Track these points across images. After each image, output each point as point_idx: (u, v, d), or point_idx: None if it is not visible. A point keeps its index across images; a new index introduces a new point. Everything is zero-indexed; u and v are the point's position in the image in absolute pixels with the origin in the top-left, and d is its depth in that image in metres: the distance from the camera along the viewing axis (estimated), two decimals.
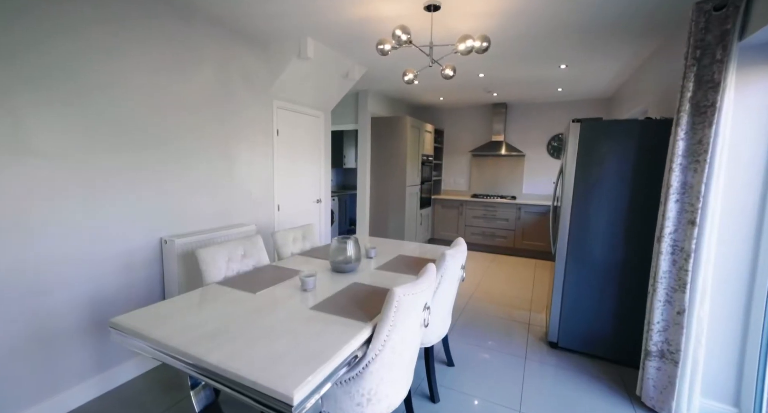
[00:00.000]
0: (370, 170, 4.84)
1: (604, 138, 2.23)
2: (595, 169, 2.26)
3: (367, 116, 4.68)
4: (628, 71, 3.43)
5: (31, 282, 1.65)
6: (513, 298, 3.49)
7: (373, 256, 2.28)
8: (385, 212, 4.79)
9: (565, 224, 2.40)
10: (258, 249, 2.09)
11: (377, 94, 4.81)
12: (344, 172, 7.04)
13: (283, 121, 3.20)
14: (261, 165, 2.99)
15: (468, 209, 5.40)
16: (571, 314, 2.45)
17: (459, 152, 5.95)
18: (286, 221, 3.33)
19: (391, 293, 1.24)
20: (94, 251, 1.87)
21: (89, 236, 1.84)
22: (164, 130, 2.19)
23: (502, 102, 5.31)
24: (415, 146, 4.82)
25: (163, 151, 2.19)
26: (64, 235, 1.75)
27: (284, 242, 2.37)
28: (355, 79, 3.53)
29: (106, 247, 1.92)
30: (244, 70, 2.73)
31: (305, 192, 3.61)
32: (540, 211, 4.92)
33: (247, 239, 2.06)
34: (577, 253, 2.38)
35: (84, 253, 1.83)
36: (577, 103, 5.05)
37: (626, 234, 2.22)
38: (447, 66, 2.39)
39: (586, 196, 2.30)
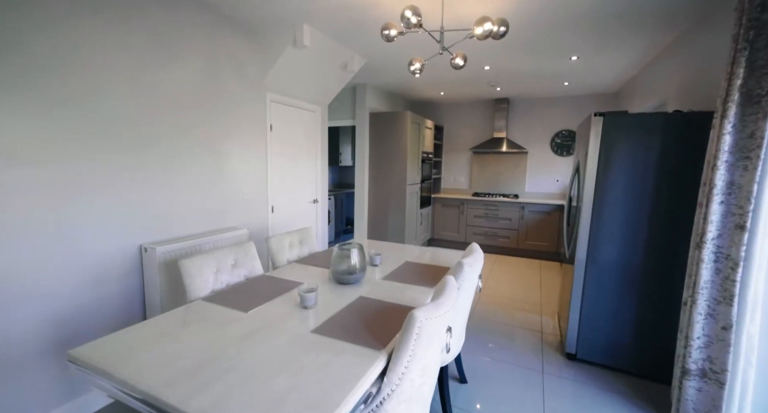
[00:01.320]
0: (368, 168, 4.62)
1: (629, 133, 2.04)
2: (619, 166, 2.08)
3: (365, 112, 4.45)
4: (642, 62, 3.26)
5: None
6: (521, 302, 3.31)
7: (378, 263, 2.07)
8: (385, 212, 4.58)
9: (585, 225, 2.21)
10: (250, 258, 1.87)
11: (376, 88, 4.59)
12: (340, 170, 6.81)
13: (277, 116, 2.97)
14: (253, 163, 2.75)
15: (469, 208, 5.22)
16: (591, 322, 2.27)
17: (459, 149, 5.76)
18: (281, 223, 3.11)
19: (411, 318, 1.03)
20: (63, 261, 1.63)
21: (57, 244, 1.60)
22: (146, 127, 1.95)
23: (505, 97, 5.12)
24: (415, 143, 4.61)
25: (145, 150, 1.95)
26: (28, 244, 1.50)
27: (279, 248, 2.14)
28: (354, 70, 3.30)
29: (76, 257, 1.68)
30: (235, 61, 2.49)
31: (301, 192, 3.38)
32: (544, 210, 4.76)
33: (239, 246, 1.84)
34: (597, 257, 2.20)
35: (51, 265, 1.59)
36: (581, 98, 4.89)
37: (654, 238, 2.04)
38: (458, 54, 2.18)
39: (609, 195, 2.12)
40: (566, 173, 5.08)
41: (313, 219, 3.59)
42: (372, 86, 4.49)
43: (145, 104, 1.94)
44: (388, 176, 4.52)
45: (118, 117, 1.81)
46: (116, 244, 1.83)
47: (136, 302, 1.94)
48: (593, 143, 2.13)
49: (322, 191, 3.71)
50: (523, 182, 5.34)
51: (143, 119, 1.93)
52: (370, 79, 4.17)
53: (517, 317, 2.99)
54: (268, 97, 2.82)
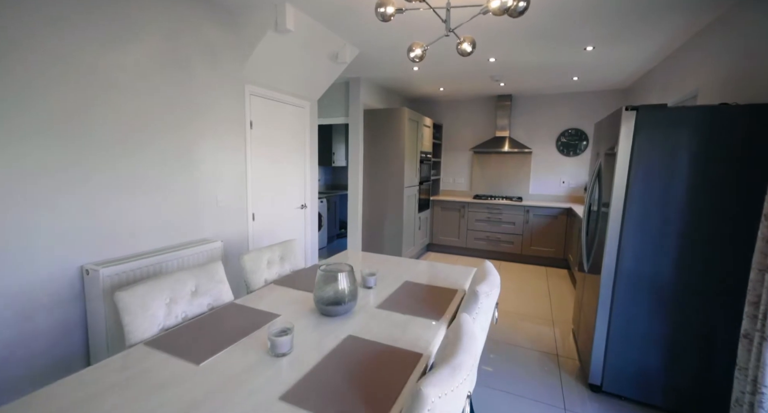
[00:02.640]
0: (363, 169, 4.29)
1: (668, 129, 1.73)
2: (655, 168, 1.77)
3: (359, 108, 4.12)
4: (664, 53, 2.96)
5: None
6: (531, 316, 3.00)
7: (372, 285, 1.74)
8: (381, 217, 4.26)
9: (614, 234, 1.90)
10: (217, 282, 1.53)
11: (370, 83, 4.25)
12: (333, 171, 6.47)
13: (258, 111, 2.62)
14: (230, 165, 2.41)
15: (470, 211, 4.90)
16: (620, 348, 1.96)
17: (459, 149, 5.45)
18: (263, 232, 2.77)
19: (418, 399, 0.70)
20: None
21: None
22: (89, 121, 1.60)
23: (508, 94, 4.82)
24: (413, 142, 4.29)
25: (89, 150, 1.60)
26: None
27: (255, 266, 1.81)
28: (345, 61, 2.97)
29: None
30: (203, 44, 2.14)
31: (287, 197, 3.04)
32: (550, 214, 4.46)
33: (202, 269, 1.50)
34: (628, 271, 1.89)
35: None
36: (589, 95, 4.59)
37: (697, 252, 1.73)
38: (465, 39, 1.86)
39: (643, 201, 1.81)
40: (573, 174, 4.78)
41: (300, 226, 3.25)
42: (366, 81, 4.16)
43: (87, 95, 1.59)
44: (384, 177, 4.19)
45: (51, 111, 1.46)
46: (50, 265, 1.49)
47: (76, 339, 1.59)
48: (624, 142, 1.82)
49: (311, 195, 3.37)
50: (527, 183, 5.04)
51: (84, 112, 1.59)
52: (364, 72, 3.84)
53: (528, 334, 2.68)
54: (247, 89, 2.48)
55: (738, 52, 2.01)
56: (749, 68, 1.92)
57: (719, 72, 2.19)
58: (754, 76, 1.85)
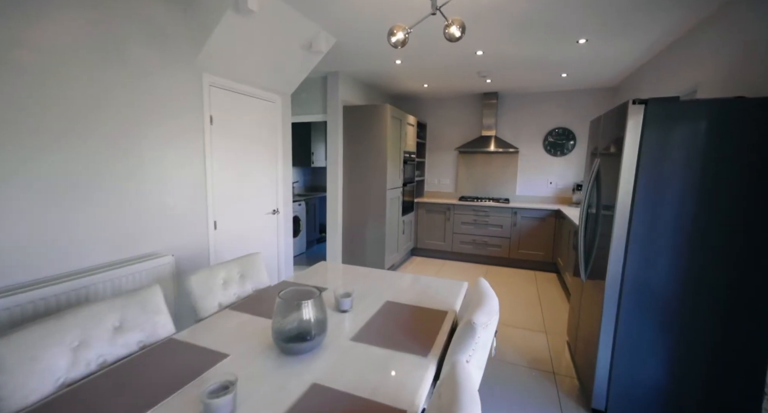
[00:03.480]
0: (342, 170, 4.00)
1: (683, 125, 1.54)
2: (666, 167, 1.58)
3: (337, 105, 3.84)
4: (659, 47, 2.82)
5: None
6: (522, 326, 2.80)
7: (347, 309, 1.47)
8: (362, 221, 3.99)
9: (619, 241, 1.70)
10: (151, 312, 1.22)
11: (350, 78, 3.98)
12: (313, 172, 6.15)
13: (219, 104, 2.31)
14: (186, 166, 2.09)
15: (456, 214, 4.70)
16: (627, 369, 1.76)
17: (444, 149, 5.24)
18: (227, 243, 2.45)
19: None
20: None
21: None
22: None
23: (494, 91, 4.64)
24: (396, 142, 4.04)
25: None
26: None
27: (207, 289, 1.50)
28: (321, 51, 2.68)
29: None
30: (144, 21, 1.81)
31: (256, 201, 2.73)
32: (538, 216, 4.30)
33: (130, 297, 1.19)
34: (638, 281, 1.69)
35: None
36: (576, 93, 4.46)
37: (715, 262, 1.55)
38: (454, 21, 1.62)
39: (655, 204, 1.62)
40: (561, 175, 4.65)
41: (272, 234, 2.95)
42: (345, 75, 3.88)
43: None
44: (365, 179, 3.92)
45: None
46: None
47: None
48: (631, 139, 1.62)
49: (284, 199, 3.07)
50: (513, 184, 4.88)
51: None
52: (342, 66, 3.57)
53: (520, 347, 2.47)
54: (205, 79, 2.16)
55: (741, 46, 1.85)
56: (754, 62, 1.76)
57: (721, 66, 2.03)
58: (760, 70, 1.69)
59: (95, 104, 1.61)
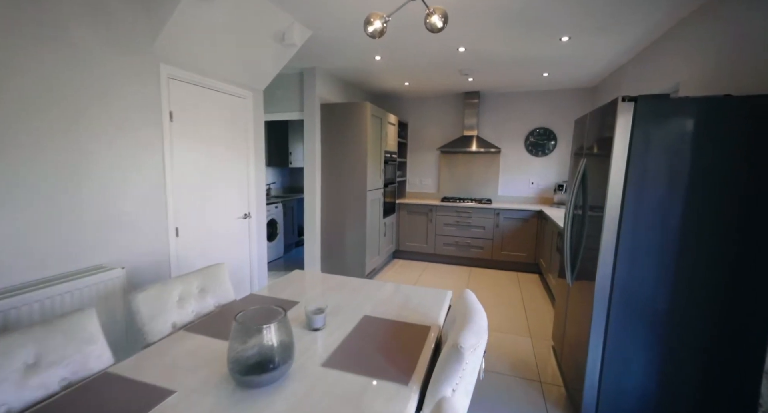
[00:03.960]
0: (320, 170, 3.83)
1: (675, 123, 1.47)
2: (661, 167, 1.51)
3: (314, 102, 3.66)
4: (640, 46, 2.80)
5: None
6: (507, 327, 2.72)
7: (320, 326, 1.32)
8: (342, 224, 3.82)
9: (609, 243, 1.62)
10: (79, 341, 1.03)
11: (327, 74, 3.81)
12: (291, 172, 5.94)
13: (180, 99, 2.10)
14: (142, 167, 1.88)
15: (438, 215, 4.61)
16: (617, 378, 1.69)
17: (426, 149, 5.14)
18: (192, 251, 2.24)
19: None
20: None
21: None
22: None
23: (475, 91, 4.58)
24: (376, 141, 3.90)
25: None
26: None
27: (157, 308, 1.31)
28: (294, 44, 2.51)
29: None
30: (92, 2, 1.60)
31: (225, 205, 2.53)
32: (521, 216, 4.26)
33: (51, 326, 0.99)
34: (628, 287, 1.62)
35: None
36: (557, 93, 4.46)
37: (714, 263, 1.49)
38: (436, 10, 1.50)
39: (646, 204, 1.54)
40: (542, 175, 4.64)
41: (243, 240, 2.75)
42: (323, 72, 3.71)
43: None
44: (345, 180, 3.76)
45: None
46: None
47: None
48: (620, 138, 1.54)
49: (256, 202, 2.87)
50: (495, 184, 4.84)
51: None
52: (319, 62, 3.40)
53: (504, 353, 2.38)
54: (163, 71, 1.96)
55: (724, 43, 1.82)
56: (739, 59, 1.72)
57: (703, 65, 2.00)
58: (745, 68, 1.65)
59: (31, 99, 1.39)
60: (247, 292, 2.81)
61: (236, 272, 2.68)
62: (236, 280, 2.68)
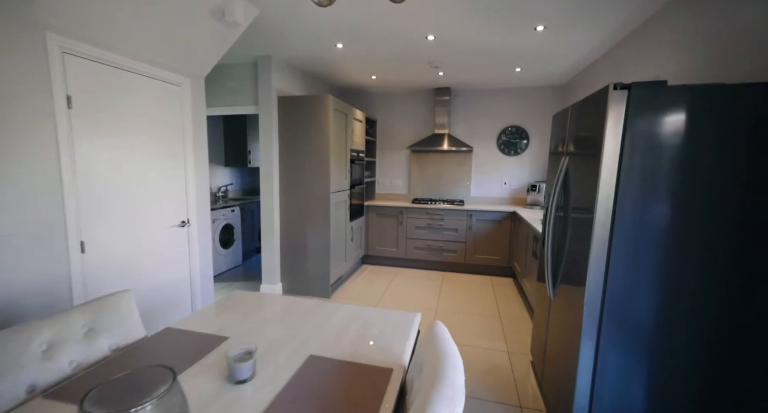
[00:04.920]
0: (279, 170, 3.45)
1: (674, 114, 1.27)
2: (659, 163, 1.30)
3: (271, 95, 3.28)
4: (614, 39, 2.66)
5: None
6: (482, 339, 2.49)
7: (247, 377, 0.99)
8: (303, 229, 3.46)
9: (598, 255, 1.40)
10: None
11: (285, 64, 3.44)
12: (251, 173, 5.48)
13: (85, 81, 1.68)
14: (22, 164, 1.46)
15: (409, 217, 4.35)
16: (611, 409, 1.48)
17: (396, 148, 4.88)
18: (106, 270, 1.82)
19: None
20: None
21: None
22: None
23: (446, 86, 4.36)
24: (341, 138, 3.58)
25: None
26: None
27: (6, 364, 0.93)
28: (238, 23, 2.14)
29: None
30: None
31: (154, 211, 2.12)
32: (494, 218, 4.09)
33: None
34: (622, 307, 1.41)
35: None
36: (528, 91, 4.33)
37: (722, 271, 1.30)
38: None
39: (642, 205, 1.33)
40: (514, 175, 4.50)
41: (181, 253, 2.33)
42: (280, 61, 3.34)
43: None
44: (306, 180, 3.41)
45: None
46: None
47: None
48: (612, 132, 1.33)
49: (197, 208, 2.47)
50: (468, 185, 4.65)
51: None
52: (275, 49, 3.03)
53: (480, 374, 2.14)
54: (51, 42, 1.53)
55: (710, 34, 1.66)
56: (726, 51, 1.57)
57: (684, 56, 1.85)
58: (730, 58, 1.50)
59: None
60: (187, 312, 2.41)
61: (172, 292, 2.27)
62: (171, 302, 2.26)
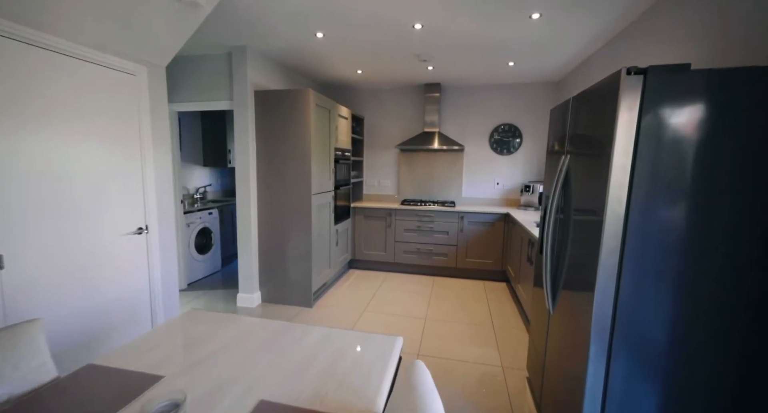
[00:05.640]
0: (256, 170, 3.21)
1: (702, 103, 1.07)
2: (681, 160, 1.10)
3: (246, 89, 3.03)
4: (612, 30, 2.48)
5: None
6: (474, 350, 2.28)
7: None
8: (283, 233, 3.22)
9: (609, 268, 1.20)
10: None
11: (263, 56, 3.20)
12: (231, 173, 5.21)
13: (4, 64, 1.43)
14: None
15: (398, 219, 4.14)
16: None
17: (384, 147, 4.66)
18: (32, 292, 1.56)
19: None
20: None
21: None
22: None
23: (436, 82, 4.16)
24: (324, 136, 3.35)
25: None
26: None
27: None
28: (199, 4, 1.90)
29: None
30: None
31: (103, 217, 1.86)
32: (486, 220, 3.90)
33: None
34: (636, 328, 1.21)
35: None
36: (521, 87, 4.15)
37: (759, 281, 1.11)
38: None
39: (659, 215, 1.14)
40: (508, 175, 4.32)
41: (138, 263, 2.07)
42: (257, 53, 3.10)
43: None
44: (285, 181, 3.17)
45: None
46: None
47: None
48: (625, 125, 1.13)
49: (157, 212, 2.21)
50: (459, 185, 4.46)
51: None
52: (250, 39, 2.79)
53: (473, 390, 1.93)
54: None
55: (710, 25, 1.48)
56: (724, 43, 1.39)
57: (686, 49, 1.67)
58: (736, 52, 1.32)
59: None
60: (147, 329, 2.15)
61: (127, 308, 2.01)
62: (126, 320, 2.01)
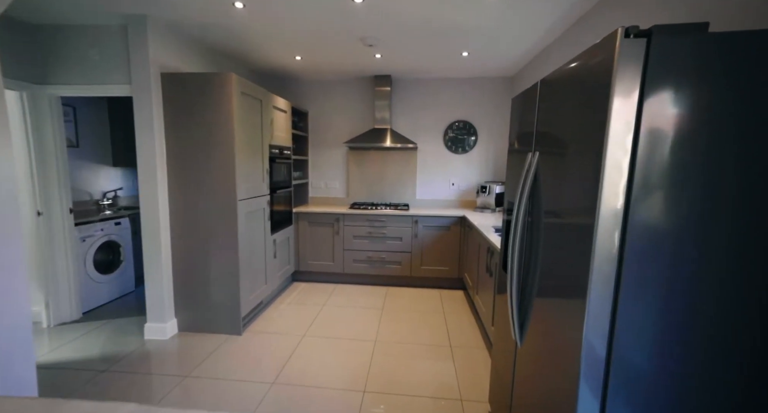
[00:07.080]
0: (166, 170, 2.61)
1: (724, 76, 0.78)
2: (697, 148, 0.81)
3: (147, 70, 2.43)
4: (570, 19, 2.26)
5: None
6: (428, 379, 1.93)
7: None
8: (202, 245, 2.65)
9: (601, 281, 0.88)
10: None
11: (171, 30, 2.60)
12: None
13: None
14: None
15: (347, 225, 3.72)
16: None
17: (331, 144, 4.21)
18: None
19: None
20: None
21: None
22: None
23: (386, 74, 3.79)
24: (255, 131, 2.83)
25: None
26: None
27: None
28: None
29: None
30: None
31: None
32: (442, 224, 3.61)
33: None
34: (639, 360, 0.91)
35: None
36: (475, 81, 3.92)
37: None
38: None
39: (670, 223, 0.83)
40: (463, 175, 4.07)
41: None
42: (161, 25, 2.50)
43: None
44: (203, 184, 2.60)
45: None
46: None
47: None
48: (622, 106, 0.81)
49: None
50: (413, 186, 4.13)
51: None
52: (150, 5, 2.20)
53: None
54: None
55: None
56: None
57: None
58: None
59: None
60: None
61: None
62: None
